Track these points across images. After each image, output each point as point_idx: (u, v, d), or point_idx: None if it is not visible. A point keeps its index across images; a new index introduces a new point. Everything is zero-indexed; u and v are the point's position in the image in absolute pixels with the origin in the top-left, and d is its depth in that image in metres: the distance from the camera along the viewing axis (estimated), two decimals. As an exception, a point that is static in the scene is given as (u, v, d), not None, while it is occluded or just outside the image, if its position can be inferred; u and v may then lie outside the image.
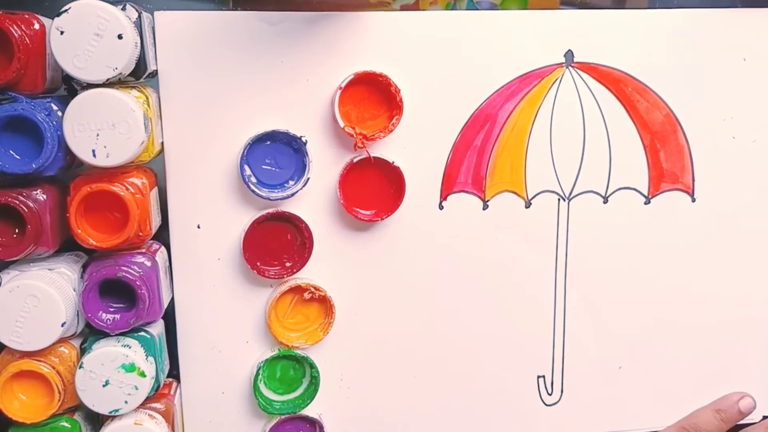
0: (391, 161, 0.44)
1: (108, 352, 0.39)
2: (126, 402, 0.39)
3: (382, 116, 0.44)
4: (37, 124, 0.36)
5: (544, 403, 0.50)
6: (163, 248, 0.43)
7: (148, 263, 0.40)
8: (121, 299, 0.40)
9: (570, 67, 0.46)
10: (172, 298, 0.44)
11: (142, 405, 0.41)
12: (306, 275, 0.45)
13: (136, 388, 0.39)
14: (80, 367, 0.39)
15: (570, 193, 0.47)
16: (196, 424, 0.46)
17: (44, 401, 0.39)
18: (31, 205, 0.37)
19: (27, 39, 0.36)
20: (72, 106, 0.37)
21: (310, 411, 0.46)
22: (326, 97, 0.44)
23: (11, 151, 0.37)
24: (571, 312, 0.49)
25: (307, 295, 0.44)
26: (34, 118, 0.36)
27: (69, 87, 0.40)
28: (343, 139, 0.44)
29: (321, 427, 0.46)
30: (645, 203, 0.48)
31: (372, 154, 0.44)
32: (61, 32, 0.36)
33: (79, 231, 0.38)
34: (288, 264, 0.44)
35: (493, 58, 0.45)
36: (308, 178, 0.43)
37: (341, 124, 0.43)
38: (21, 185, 0.38)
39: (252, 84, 0.43)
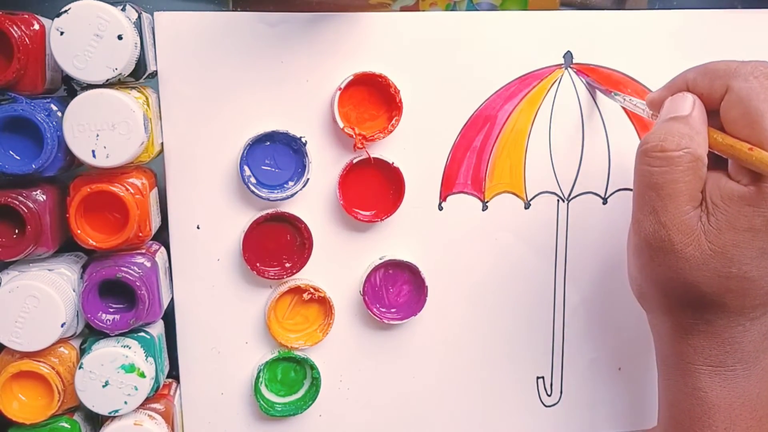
0: (390, 162, 0.44)
1: (108, 353, 0.39)
2: (126, 402, 0.39)
3: (382, 117, 0.44)
4: (37, 125, 0.36)
5: (543, 404, 0.50)
6: (162, 249, 0.43)
7: (148, 264, 0.40)
8: (120, 300, 0.40)
9: (569, 68, 0.46)
10: (172, 299, 0.44)
11: (142, 405, 0.41)
12: (305, 276, 0.45)
13: (136, 389, 0.39)
14: (80, 367, 0.39)
15: (569, 194, 0.47)
16: (195, 425, 0.46)
17: (44, 402, 0.39)
18: (30, 205, 0.37)
19: (27, 39, 0.36)
20: (72, 107, 0.37)
21: (315, 407, 0.46)
22: (326, 97, 0.44)
23: (11, 152, 0.37)
24: (571, 313, 0.49)
25: (306, 296, 0.44)
26: (34, 119, 0.36)
27: (69, 87, 0.40)
28: (342, 139, 0.44)
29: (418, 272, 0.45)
30: (644, 204, 0.48)
31: (372, 155, 0.44)
32: (61, 33, 0.36)
33: (79, 231, 0.38)
34: (287, 265, 0.44)
35: (492, 59, 0.45)
36: (308, 179, 0.43)
37: (341, 124, 0.43)
38: (21, 186, 0.38)
39: (252, 85, 0.43)
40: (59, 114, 0.37)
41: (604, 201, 0.48)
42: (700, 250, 0.35)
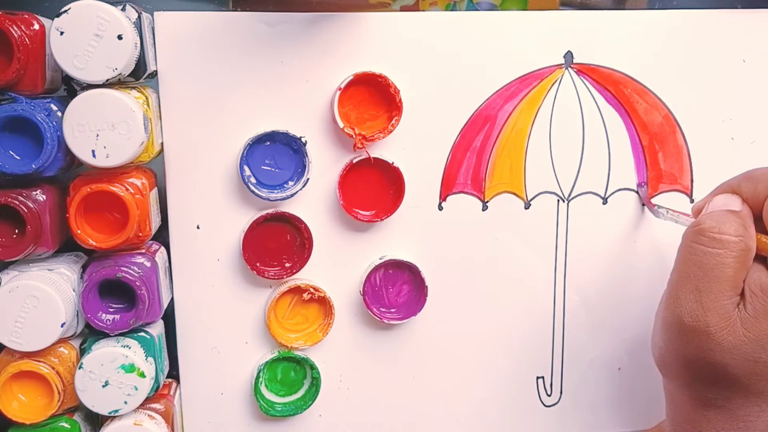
0: (390, 162, 0.44)
1: (107, 353, 0.39)
2: (125, 402, 0.39)
3: (382, 117, 0.44)
4: (37, 125, 0.36)
5: (543, 404, 0.50)
6: (162, 249, 0.43)
7: (148, 264, 0.40)
8: (120, 300, 0.40)
9: (569, 68, 0.46)
10: (172, 299, 0.44)
11: (142, 405, 0.41)
12: (305, 276, 0.45)
13: (136, 389, 0.39)
14: (80, 367, 0.39)
15: (569, 194, 0.47)
16: (195, 425, 0.46)
17: (44, 402, 0.39)
18: (30, 205, 0.37)
19: (27, 39, 0.36)
20: (72, 107, 0.37)
21: (315, 407, 0.46)
22: (326, 97, 0.44)
23: (11, 152, 0.37)
24: (571, 313, 0.49)
25: (306, 296, 0.44)
26: (34, 119, 0.36)
27: (69, 87, 0.40)
28: (342, 139, 0.44)
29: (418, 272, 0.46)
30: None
31: (371, 155, 0.44)
32: (61, 33, 0.36)
33: (79, 231, 0.38)
34: (287, 264, 0.44)
35: (492, 59, 0.45)
36: (308, 179, 0.43)
37: (341, 124, 0.43)
38: (21, 185, 0.38)
39: (252, 85, 0.43)
40: (59, 114, 0.37)
41: (604, 201, 0.48)
42: (734, 335, 0.36)
